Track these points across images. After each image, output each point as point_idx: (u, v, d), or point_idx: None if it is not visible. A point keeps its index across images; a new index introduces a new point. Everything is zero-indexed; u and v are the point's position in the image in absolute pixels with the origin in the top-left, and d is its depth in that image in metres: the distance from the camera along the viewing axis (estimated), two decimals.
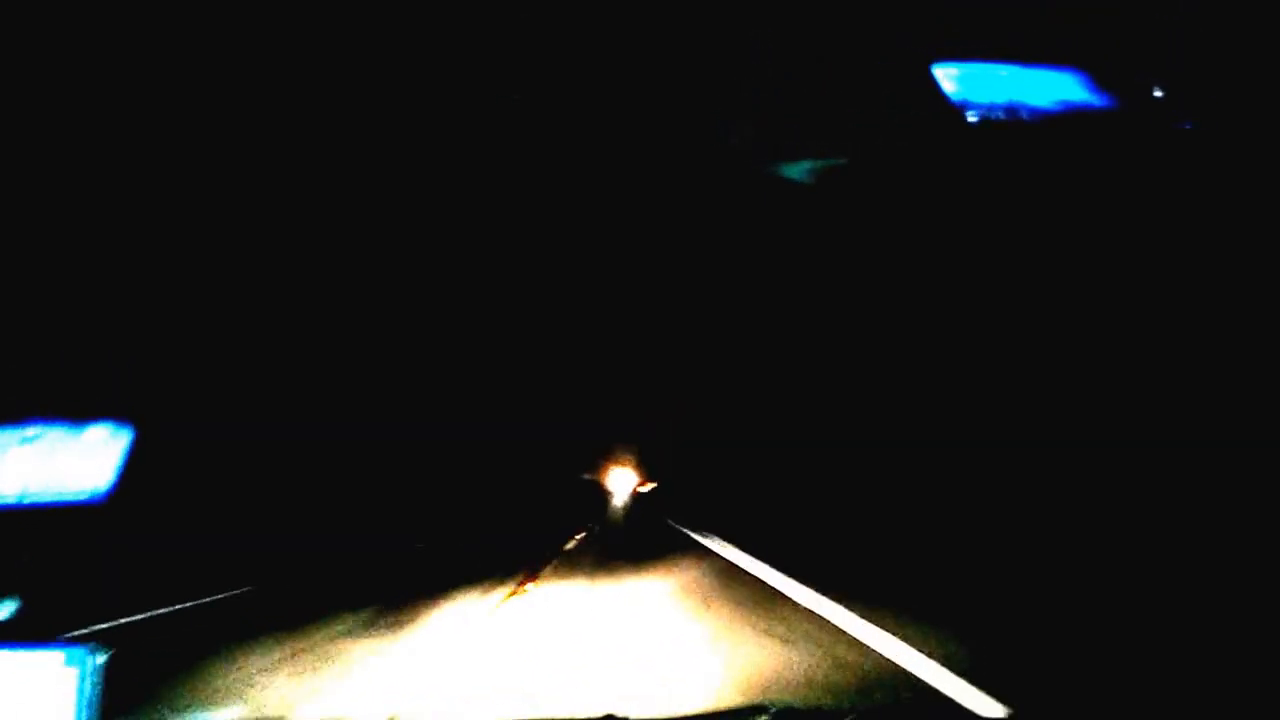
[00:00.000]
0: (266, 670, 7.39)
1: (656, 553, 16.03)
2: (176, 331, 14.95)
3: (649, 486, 68.12)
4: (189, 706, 6.40)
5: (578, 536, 22.45)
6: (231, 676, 7.25)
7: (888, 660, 6.37)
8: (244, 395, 17.74)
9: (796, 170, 8.31)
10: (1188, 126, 9.94)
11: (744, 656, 6.91)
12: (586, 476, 69.82)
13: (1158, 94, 9.55)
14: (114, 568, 10.19)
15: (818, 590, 9.30)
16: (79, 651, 4.45)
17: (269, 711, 6.05)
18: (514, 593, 12.05)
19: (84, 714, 4.33)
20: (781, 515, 21.94)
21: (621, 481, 74.34)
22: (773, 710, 3.45)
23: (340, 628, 9.30)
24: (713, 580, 11.91)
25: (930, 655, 6.13)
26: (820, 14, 8.00)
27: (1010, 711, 4.88)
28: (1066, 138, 8.37)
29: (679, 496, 47.38)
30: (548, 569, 14.23)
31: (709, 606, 9.64)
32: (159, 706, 6.31)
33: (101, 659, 4.54)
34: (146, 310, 13.97)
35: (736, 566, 13.32)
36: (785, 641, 7.27)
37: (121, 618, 8.79)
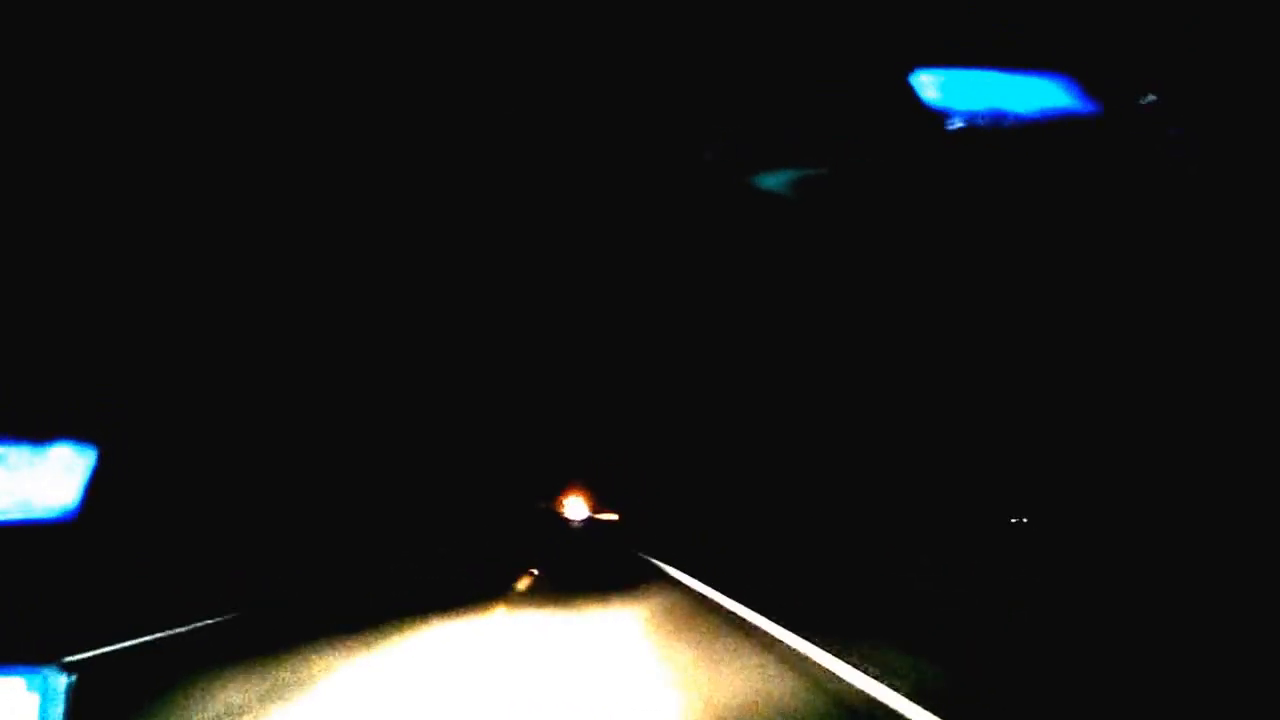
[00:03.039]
0: (239, 704, 7.25)
1: (614, 586, 15.99)
2: (145, 349, 14.86)
3: (609, 516, 66.13)
4: None
5: (531, 573, 22.04)
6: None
7: (856, 690, 6.39)
8: (201, 421, 17.62)
9: (774, 181, 8.28)
10: (1175, 132, 9.92)
11: (714, 686, 6.86)
12: (543, 505, 67.09)
13: (1146, 100, 9.53)
14: (84, 590, 10.09)
15: (782, 624, 9.21)
16: (38, 676, 4.38)
17: None
18: (477, 617, 12.06)
19: None
20: (738, 547, 21.93)
21: (579, 510, 72.14)
22: None
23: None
24: (680, 609, 11.91)
25: (892, 686, 6.16)
26: (799, 22, 7.96)
27: None
28: (1051, 144, 8.33)
29: (639, 527, 47.29)
30: (503, 602, 14.16)
31: (679, 636, 9.59)
32: None
33: (65, 683, 4.47)
34: (115, 326, 13.88)
35: (701, 595, 13.36)
36: (755, 671, 7.24)
37: (93, 643, 8.67)
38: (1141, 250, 10.53)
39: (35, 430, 4.61)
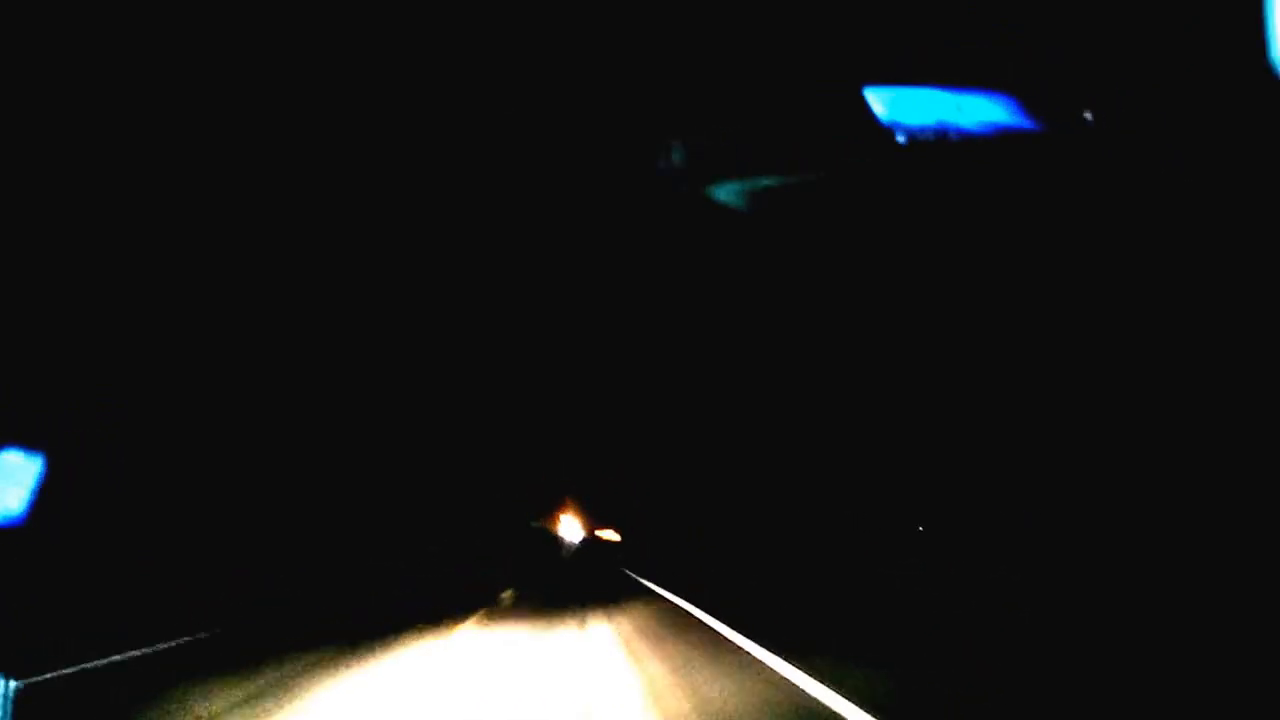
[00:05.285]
0: (225, 713, 7.19)
1: (605, 602, 15.99)
2: (104, 351, 14.52)
3: (608, 535, 63.20)
4: None
5: (509, 592, 21.85)
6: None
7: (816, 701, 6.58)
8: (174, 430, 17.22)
9: (726, 192, 8.43)
10: (1114, 149, 10.28)
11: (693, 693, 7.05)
12: (536, 524, 63.88)
13: (1087, 117, 9.88)
14: (30, 600, 9.84)
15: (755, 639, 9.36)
16: None
17: None
18: (463, 629, 12.04)
19: None
20: (727, 571, 21.99)
21: (577, 530, 68.59)
22: None
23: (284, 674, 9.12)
24: (662, 624, 12.01)
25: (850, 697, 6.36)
26: (752, 35, 8.14)
27: None
28: (994, 159, 8.61)
29: (634, 547, 46.40)
30: (480, 618, 14.10)
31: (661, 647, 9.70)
32: None
33: (8, 691, 4.41)
34: (70, 327, 13.55)
35: (684, 611, 13.53)
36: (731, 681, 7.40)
37: (40, 654, 8.47)
38: (1084, 262, 10.85)
39: None
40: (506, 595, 19.15)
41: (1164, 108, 10.49)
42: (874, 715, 5.53)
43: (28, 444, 4.47)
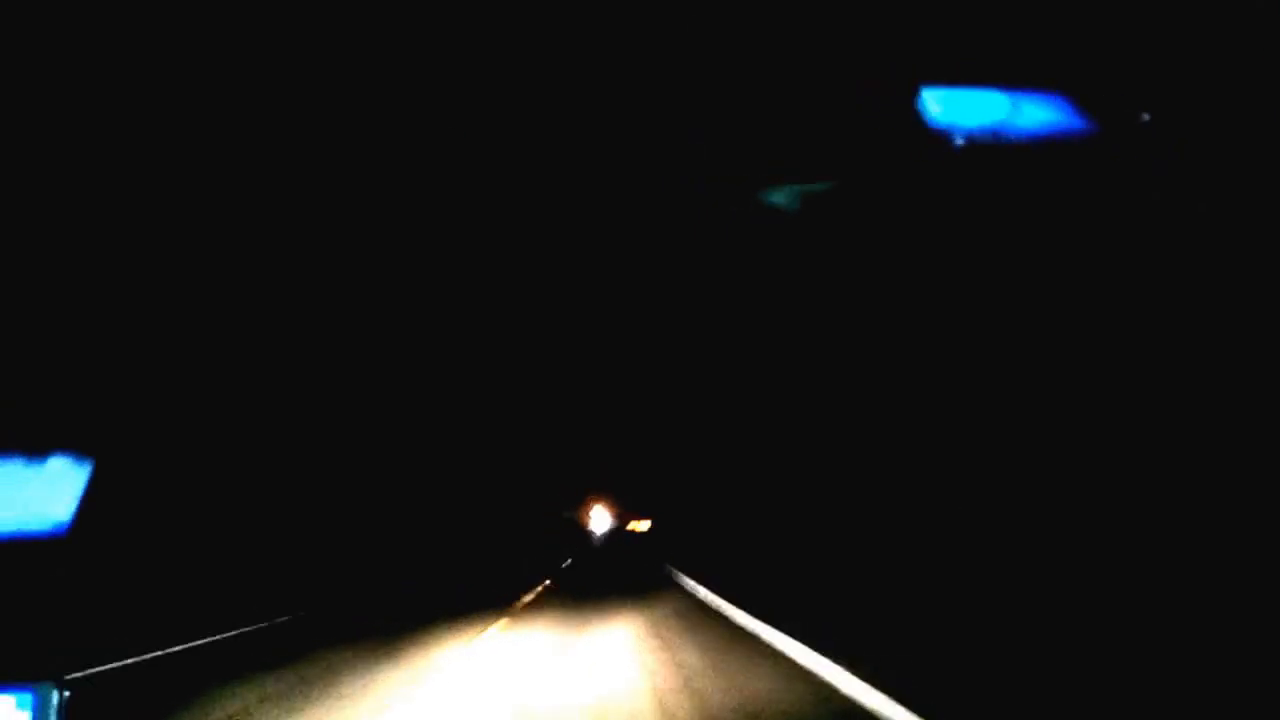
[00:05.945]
0: (268, 699, 7.15)
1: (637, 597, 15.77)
2: (144, 358, 14.62)
3: (641, 525, 61.81)
4: None
5: (543, 584, 21.68)
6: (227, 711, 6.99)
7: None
8: (213, 426, 17.36)
9: (780, 196, 8.29)
10: (1173, 151, 9.98)
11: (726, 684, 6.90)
12: (566, 515, 62.79)
13: (1144, 118, 9.60)
14: (79, 605, 9.88)
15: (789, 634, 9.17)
16: (30, 694, 4.24)
17: None
18: (501, 625, 11.88)
19: None
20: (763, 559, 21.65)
21: (606, 520, 67.56)
22: None
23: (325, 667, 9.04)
24: (692, 616, 11.79)
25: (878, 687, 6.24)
26: (805, 37, 7.99)
27: None
28: (1051, 162, 8.36)
29: (670, 536, 45.43)
30: (518, 612, 13.95)
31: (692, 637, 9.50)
32: None
33: (59, 700, 4.33)
34: (112, 335, 13.66)
35: (711, 606, 13.33)
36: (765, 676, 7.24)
37: (89, 658, 8.49)
38: (1140, 269, 10.55)
39: (31, 442, 4.50)
40: (537, 588, 18.91)
41: (1222, 109, 10.15)
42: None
43: (75, 450, 4.41)
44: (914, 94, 7.00)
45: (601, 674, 7.98)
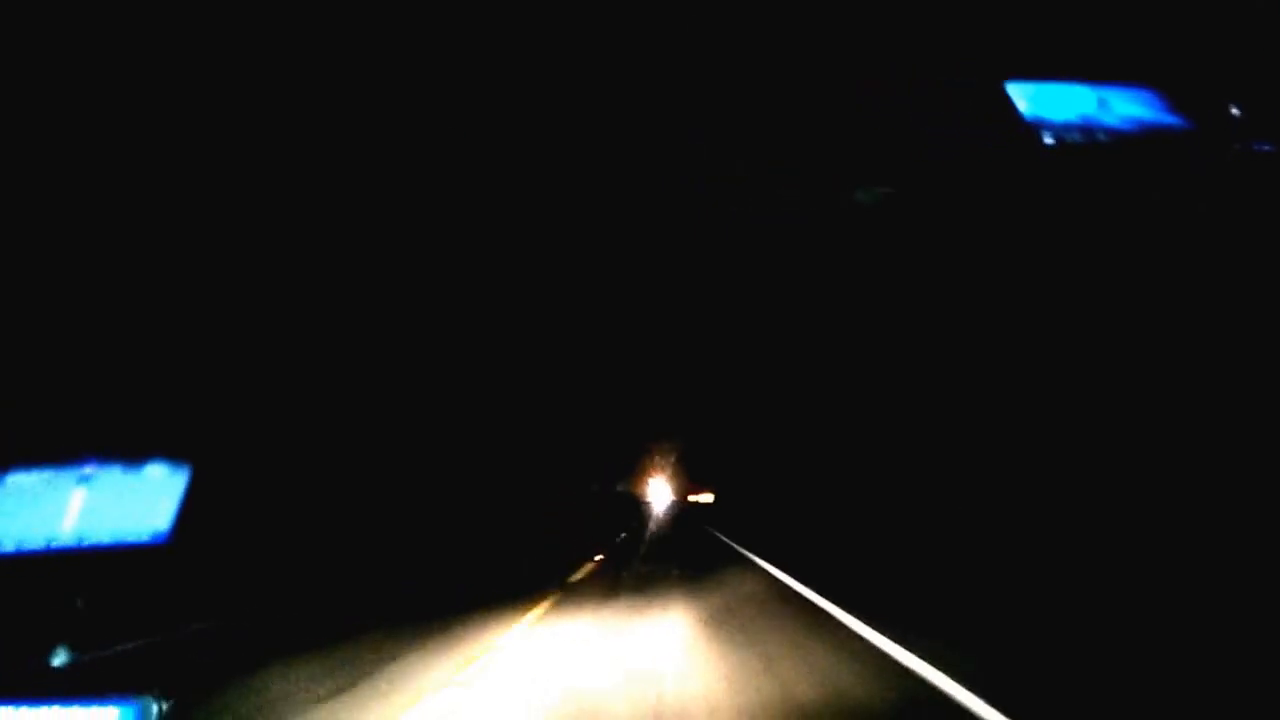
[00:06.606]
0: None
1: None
2: (233, 363, 14.92)
3: (703, 497, 58.51)
4: None
5: (596, 559, 21.16)
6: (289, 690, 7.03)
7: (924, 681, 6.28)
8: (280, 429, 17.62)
9: (869, 195, 8.10)
10: (1265, 148, 9.54)
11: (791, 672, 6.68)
12: (621, 489, 59.89)
13: (1234, 113, 9.18)
14: (180, 616, 10.03)
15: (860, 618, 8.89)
16: (132, 708, 4.24)
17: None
18: (549, 608, 11.72)
19: None
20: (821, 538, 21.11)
21: (666, 494, 64.19)
22: None
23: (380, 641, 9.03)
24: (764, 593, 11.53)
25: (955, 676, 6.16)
26: (893, 34, 7.80)
27: None
28: (1143, 158, 8.01)
29: (732, 509, 43.03)
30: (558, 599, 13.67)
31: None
32: None
33: (160, 712, 4.32)
34: (202, 342, 13.97)
35: (780, 581, 13.12)
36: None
37: (190, 670, 8.59)
38: (1232, 266, 10.10)
39: (127, 449, 4.50)
40: (578, 575, 18.22)
41: None
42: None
43: (173, 455, 4.40)
44: (1003, 88, 6.76)
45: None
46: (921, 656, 7.07)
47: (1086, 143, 7.43)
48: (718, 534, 31.35)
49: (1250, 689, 5.60)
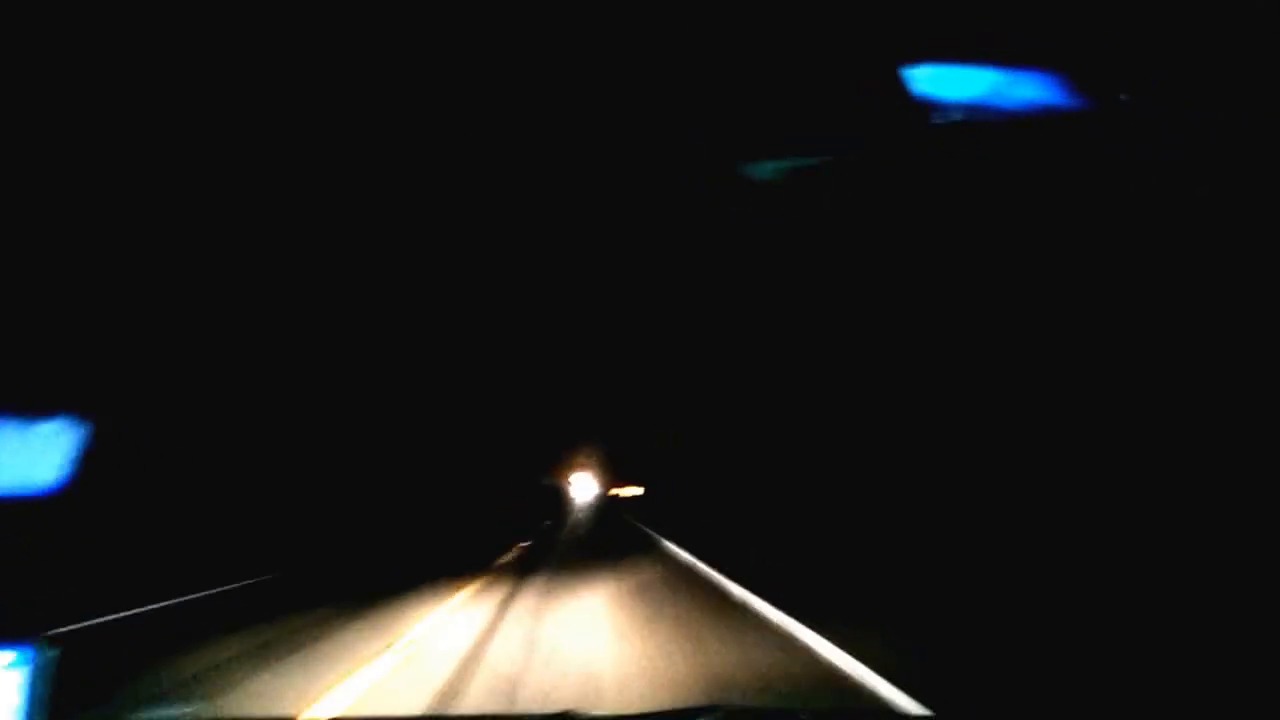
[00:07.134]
0: (238, 659, 7.40)
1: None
2: (141, 324, 14.71)
3: (629, 491, 59.17)
4: (152, 699, 6.38)
5: (520, 545, 21.68)
6: (200, 667, 7.23)
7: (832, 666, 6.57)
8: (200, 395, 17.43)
9: (765, 171, 8.34)
10: (1163, 130, 10.01)
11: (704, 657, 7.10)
12: (547, 482, 60.31)
13: (1128, 97, 9.60)
14: (73, 564, 10.03)
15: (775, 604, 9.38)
16: (25, 651, 4.37)
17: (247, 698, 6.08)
18: (475, 592, 12.13)
19: (33, 714, 4.28)
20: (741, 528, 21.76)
21: (592, 488, 64.66)
22: (724, 710, 3.43)
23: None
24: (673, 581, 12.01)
25: (865, 661, 6.43)
26: (789, 12, 7.98)
27: (933, 713, 5.06)
28: (1036, 139, 8.40)
29: (655, 503, 44.36)
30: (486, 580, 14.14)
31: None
32: (124, 700, 6.28)
33: (51, 657, 4.47)
34: (107, 300, 13.72)
35: (696, 571, 13.59)
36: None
37: (83, 618, 8.70)
38: (1128, 248, 10.61)
39: (26, 405, 4.60)
40: (504, 559, 18.95)
41: (1206, 89, 10.17)
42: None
43: (72, 412, 4.52)
44: (900, 69, 7.04)
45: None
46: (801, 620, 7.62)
47: (979, 122, 7.77)
48: (638, 524, 32.62)
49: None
